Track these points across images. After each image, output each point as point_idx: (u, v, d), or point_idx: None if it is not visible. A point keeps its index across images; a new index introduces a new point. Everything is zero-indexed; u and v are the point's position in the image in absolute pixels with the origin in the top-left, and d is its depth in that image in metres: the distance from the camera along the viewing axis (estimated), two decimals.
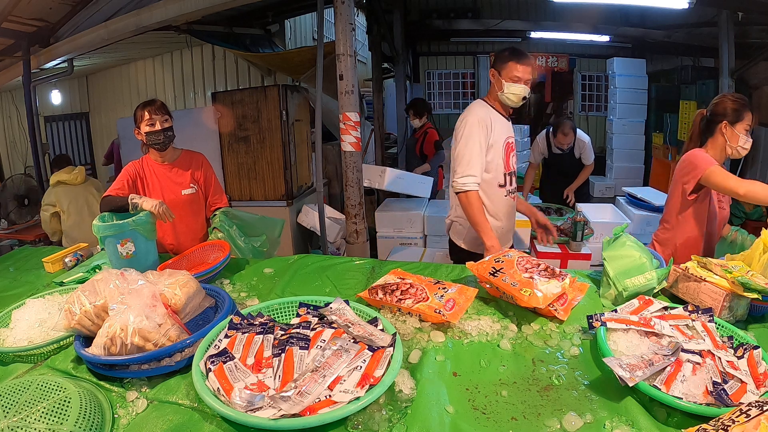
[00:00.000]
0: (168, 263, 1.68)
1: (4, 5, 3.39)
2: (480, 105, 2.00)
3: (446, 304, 1.22)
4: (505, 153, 2.03)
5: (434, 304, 1.22)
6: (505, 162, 2.03)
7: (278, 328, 1.06)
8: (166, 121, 1.98)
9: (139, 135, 1.99)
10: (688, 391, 0.89)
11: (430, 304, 1.23)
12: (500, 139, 1.99)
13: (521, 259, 1.39)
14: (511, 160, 2.08)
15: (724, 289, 1.20)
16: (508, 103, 1.99)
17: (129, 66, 6.36)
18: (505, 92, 1.94)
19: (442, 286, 1.32)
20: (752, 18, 4.29)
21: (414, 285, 1.33)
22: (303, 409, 0.82)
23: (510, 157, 2.06)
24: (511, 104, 2.00)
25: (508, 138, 2.05)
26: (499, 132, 1.98)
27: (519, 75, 1.91)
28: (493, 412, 0.90)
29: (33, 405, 0.84)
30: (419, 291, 1.29)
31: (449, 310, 1.20)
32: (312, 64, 4.13)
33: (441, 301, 1.24)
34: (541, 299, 1.20)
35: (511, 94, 1.94)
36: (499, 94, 1.96)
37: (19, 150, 6.59)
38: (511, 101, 1.97)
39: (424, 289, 1.30)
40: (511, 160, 2.08)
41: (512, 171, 2.09)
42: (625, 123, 6.79)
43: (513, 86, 1.93)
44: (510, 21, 6.65)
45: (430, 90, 8.28)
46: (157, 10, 3.41)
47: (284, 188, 4.17)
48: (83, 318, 1.09)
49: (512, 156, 2.08)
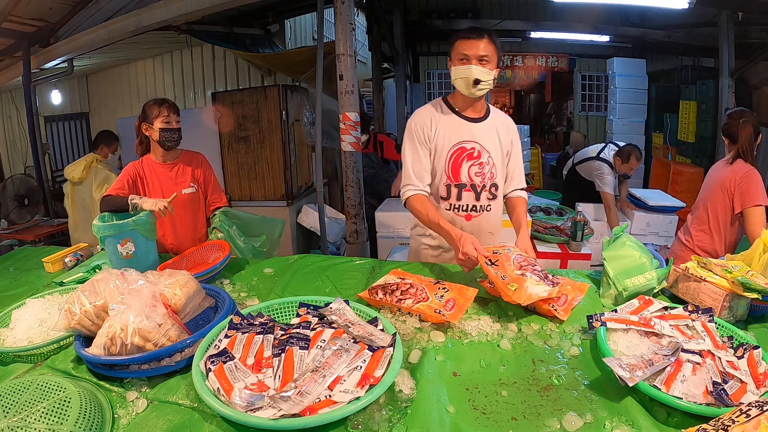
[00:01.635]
0: (168, 263, 1.68)
1: (4, 5, 3.39)
2: (429, 105, 1.74)
3: (446, 304, 1.22)
4: (452, 161, 1.69)
5: (434, 304, 1.22)
6: (451, 171, 1.69)
7: (278, 328, 1.06)
8: (179, 121, 2.00)
9: (148, 131, 1.98)
10: (688, 391, 0.89)
11: (430, 304, 1.23)
12: (445, 144, 1.68)
13: (519, 257, 1.39)
14: (466, 170, 1.69)
15: (724, 289, 1.20)
16: (464, 91, 1.62)
17: (129, 66, 6.36)
18: (453, 78, 1.60)
19: (442, 286, 1.32)
20: (752, 18, 4.29)
21: (414, 285, 1.33)
22: (303, 409, 0.82)
23: (462, 165, 1.69)
24: (466, 92, 1.62)
25: (462, 143, 1.68)
26: (445, 136, 1.68)
27: (466, 52, 1.56)
28: (493, 412, 0.90)
29: (33, 405, 0.84)
30: (419, 291, 1.29)
31: (449, 310, 1.20)
32: (312, 64, 4.13)
33: (441, 301, 1.24)
34: (524, 297, 1.20)
35: (459, 79, 1.59)
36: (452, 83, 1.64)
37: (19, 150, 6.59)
38: (461, 88, 1.62)
39: (424, 289, 1.30)
40: (466, 170, 1.69)
41: (465, 183, 1.71)
42: (625, 123, 6.79)
43: (459, 69, 1.58)
44: (510, 21, 6.66)
45: (430, 90, 8.28)
46: (157, 10, 3.42)
47: (284, 188, 4.17)
48: (83, 318, 1.09)
49: (468, 164, 1.69)
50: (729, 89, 4.65)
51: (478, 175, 1.71)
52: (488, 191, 1.74)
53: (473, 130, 1.70)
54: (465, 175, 1.70)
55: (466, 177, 1.71)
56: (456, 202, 1.73)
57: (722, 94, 4.70)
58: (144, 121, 1.98)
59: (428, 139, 1.68)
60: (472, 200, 1.73)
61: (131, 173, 1.98)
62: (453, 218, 1.74)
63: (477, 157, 1.70)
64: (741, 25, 4.45)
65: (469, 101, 1.68)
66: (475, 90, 1.59)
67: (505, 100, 11.27)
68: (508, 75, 8.02)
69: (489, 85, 1.60)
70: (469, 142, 1.69)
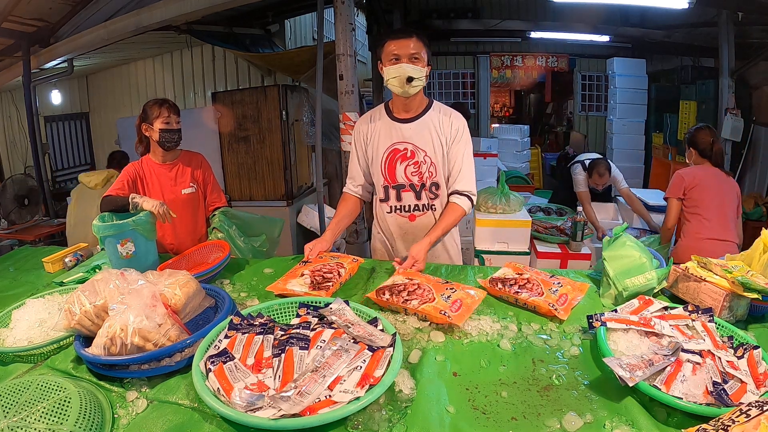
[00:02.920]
0: (168, 263, 1.68)
1: (4, 5, 3.40)
2: (369, 111, 1.79)
3: (452, 305, 1.22)
4: (388, 162, 1.71)
5: (440, 305, 1.22)
6: (387, 173, 1.72)
7: (278, 328, 1.06)
8: (179, 122, 2.00)
9: (147, 131, 1.98)
10: (688, 391, 0.89)
11: (435, 305, 1.23)
12: (380, 148, 1.71)
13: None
14: (401, 171, 1.71)
15: (724, 289, 1.20)
16: (397, 91, 1.62)
17: (129, 66, 6.36)
18: (386, 79, 1.60)
19: (450, 287, 1.33)
20: (752, 18, 4.29)
21: (421, 285, 1.33)
22: (303, 409, 0.82)
23: (397, 166, 1.71)
24: (400, 91, 1.61)
25: (395, 144, 1.70)
26: (380, 139, 1.72)
27: (397, 51, 1.56)
28: (493, 412, 0.90)
29: (33, 405, 0.84)
30: (426, 291, 1.30)
31: (455, 311, 1.20)
32: (312, 64, 4.13)
33: (447, 302, 1.24)
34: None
35: (392, 78, 1.58)
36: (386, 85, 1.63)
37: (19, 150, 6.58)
38: (395, 87, 1.60)
39: (431, 289, 1.31)
40: (401, 171, 1.71)
41: (404, 184, 1.73)
42: (625, 123, 6.79)
43: (391, 68, 1.57)
44: (510, 21, 6.65)
45: (430, 90, 8.27)
46: (157, 10, 3.42)
47: (284, 188, 4.17)
48: (83, 318, 1.09)
49: (404, 165, 1.71)
50: (729, 89, 4.65)
51: (414, 175, 1.72)
52: (428, 190, 1.74)
53: (404, 131, 1.70)
54: (401, 175, 1.72)
55: (403, 177, 1.72)
56: (396, 203, 1.76)
57: (722, 94, 4.70)
58: (144, 122, 1.97)
59: (365, 143, 1.76)
60: (413, 200, 1.75)
61: (131, 173, 1.98)
62: (396, 220, 1.78)
63: (411, 157, 1.70)
64: (741, 25, 4.45)
65: (403, 102, 1.68)
66: (409, 87, 1.59)
67: (505, 100, 11.29)
68: (508, 75, 8.02)
69: (422, 81, 1.61)
70: (402, 143, 1.70)
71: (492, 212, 2.84)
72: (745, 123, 4.69)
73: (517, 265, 1.55)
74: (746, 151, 4.88)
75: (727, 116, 4.60)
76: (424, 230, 1.72)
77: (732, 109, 4.64)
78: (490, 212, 2.84)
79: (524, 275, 1.43)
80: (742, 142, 4.79)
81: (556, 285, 1.36)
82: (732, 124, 4.58)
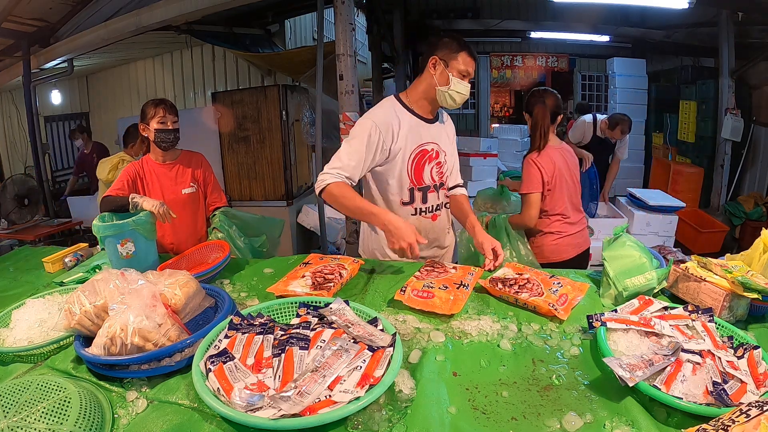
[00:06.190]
0: (168, 263, 1.68)
1: (4, 5, 3.40)
2: (388, 105, 1.67)
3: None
4: (415, 163, 1.65)
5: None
6: (414, 174, 1.66)
7: (278, 328, 1.06)
8: (176, 122, 2.00)
9: (145, 131, 2.00)
10: (688, 391, 0.89)
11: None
12: (408, 146, 1.63)
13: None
14: (428, 172, 1.68)
15: (724, 289, 1.20)
16: (447, 103, 1.61)
17: (129, 66, 6.37)
18: (451, 89, 1.56)
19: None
20: (752, 18, 4.29)
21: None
22: (303, 409, 0.82)
23: (425, 167, 1.67)
24: (453, 105, 1.61)
25: (425, 145, 1.66)
26: (408, 138, 1.62)
27: (469, 69, 1.57)
28: (493, 412, 0.90)
29: (33, 405, 0.84)
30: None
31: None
32: (312, 64, 4.13)
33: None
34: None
35: (457, 93, 1.57)
36: (439, 90, 1.58)
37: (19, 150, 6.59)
38: (454, 101, 1.60)
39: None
40: (428, 172, 1.68)
41: (428, 185, 1.70)
42: None
43: (461, 84, 1.56)
44: (510, 21, 6.65)
45: None
46: (157, 10, 3.42)
47: (284, 188, 4.17)
48: (83, 318, 1.09)
49: (431, 166, 1.69)
50: (729, 89, 4.66)
51: (437, 175, 1.73)
52: (445, 189, 1.80)
53: (431, 130, 1.70)
54: (428, 176, 1.70)
55: (429, 178, 1.70)
56: (422, 206, 1.72)
57: (722, 94, 4.71)
58: (142, 121, 1.99)
59: (384, 147, 1.59)
60: (436, 200, 1.75)
61: (131, 173, 1.99)
62: (420, 222, 1.71)
63: (436, 157, 1.71)
64: (741, 25, 4.45)
65: (428, 105, 1.67)
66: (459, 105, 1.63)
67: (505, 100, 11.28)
68: (508, 75, 8.03)
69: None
70: (430, 143, 1.69)
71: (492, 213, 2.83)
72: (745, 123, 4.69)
73: (517, 265, 1.58)
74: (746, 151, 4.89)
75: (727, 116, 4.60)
76: (442, 228, 1.77)
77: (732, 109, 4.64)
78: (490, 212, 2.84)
79: (524, 275, 1.45)
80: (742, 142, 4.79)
81: (556, 285, 1.37)
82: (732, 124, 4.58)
